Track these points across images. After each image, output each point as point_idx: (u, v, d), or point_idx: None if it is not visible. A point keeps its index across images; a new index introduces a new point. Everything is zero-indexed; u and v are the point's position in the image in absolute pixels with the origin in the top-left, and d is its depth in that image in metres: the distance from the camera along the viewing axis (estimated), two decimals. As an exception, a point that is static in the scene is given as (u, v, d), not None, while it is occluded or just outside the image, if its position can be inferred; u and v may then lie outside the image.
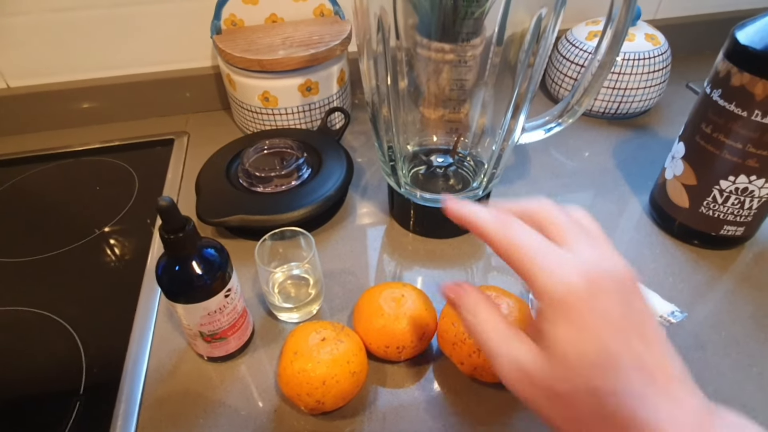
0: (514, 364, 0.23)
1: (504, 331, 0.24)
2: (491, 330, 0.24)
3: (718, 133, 0.43)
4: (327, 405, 0.34)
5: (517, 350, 0.23)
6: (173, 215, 0.31)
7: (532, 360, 0.22)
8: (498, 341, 0.24)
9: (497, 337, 0.24)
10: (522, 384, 0.23)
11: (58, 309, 0.44)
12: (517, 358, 0.23)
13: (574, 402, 0.21)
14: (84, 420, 0.37)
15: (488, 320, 0.25)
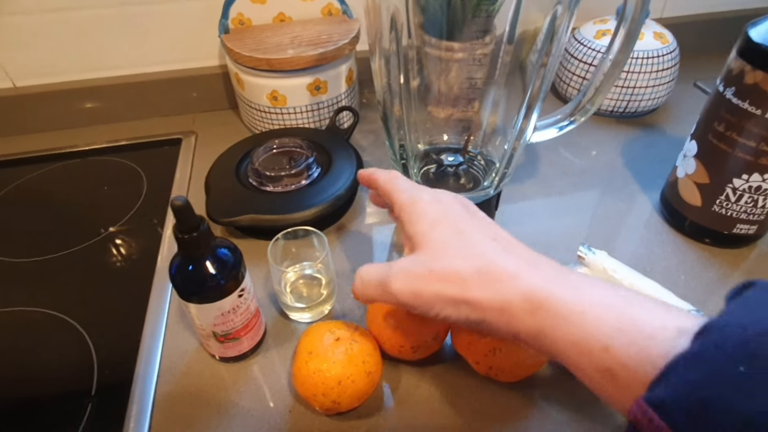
0: (400, 275, 0.28)
1: (382, 265, 0.30)
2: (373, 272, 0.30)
3: (731, 131, 0.43)
4: (343, 405, 0.34)
5: (396, 265, 0.29)
6: (188, 215, 0.31)
7: (410, 262, 0.28)
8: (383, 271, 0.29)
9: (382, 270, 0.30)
10: (410, 285, 0.28)
11: (68, 309, 0.44)
12: (402, 269, 0.28)
13: (449, 275, 0.26)
14: (96, 421, 0.36)
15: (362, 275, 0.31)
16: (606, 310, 0.22)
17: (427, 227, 0.28)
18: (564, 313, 0.23)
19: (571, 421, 0.36)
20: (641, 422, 0.19)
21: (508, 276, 0.25)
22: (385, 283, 0.28)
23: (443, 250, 0.27)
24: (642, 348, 0.20)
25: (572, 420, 0.36)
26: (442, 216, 0.28)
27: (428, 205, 0.29)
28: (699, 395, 0.17)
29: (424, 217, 0.29)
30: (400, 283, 0.28)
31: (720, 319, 0.19)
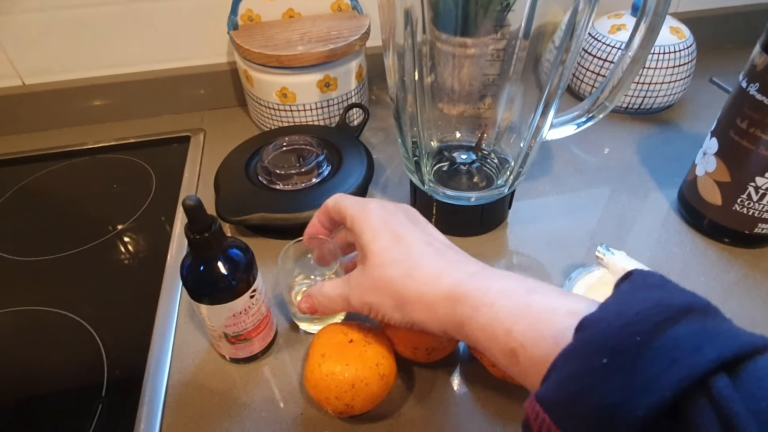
0: (355, 288, 0.31)
1: (341, 281, 0.33)
2: (338, 288, 0.33)
3: (755, 128, 0.41)
4: (356, 408, 0.33)
5: (352, 278, 0.32)
6: (200, 215, 0.30)
7: (360, 274, 0.31)
8: (344, 286, 0.32)
9: (342, 286, 0.33)
10: (362, 297, 0.31)
11: (78, 309, 0.44)
12: (356, 283, 0.32)
13: (386, 283, 0.29)
14: (107, 422, 0.36)
15: (324, 292, 0.34)
16: (510, 298, 0.25)
17: (371, 236, 0.31)
18: (476, 304, 0.26)
19: (589, 425, 0.35)
20: (532, 418, 0.20)
21: (434, 276, 0.28)
22: (347, 297, 0.32)
23: (382, 259, 0.30)
24: (537, 330, 0.23)
25: (591, 425, 0.35)
26: (384, 223, 0.31)
27: (373, 212, 0.32)
28: (572, 389, 0.19)
29: (368, 227, 0.31)
30: (355, 296, 0.31)
31: (595, 314, 0.21)
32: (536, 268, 0.47)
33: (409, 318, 0.29)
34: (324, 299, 0.33)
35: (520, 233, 0.50)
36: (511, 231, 0.51)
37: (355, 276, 0.32)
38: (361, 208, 0.32)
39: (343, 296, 0.32)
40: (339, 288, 0.33)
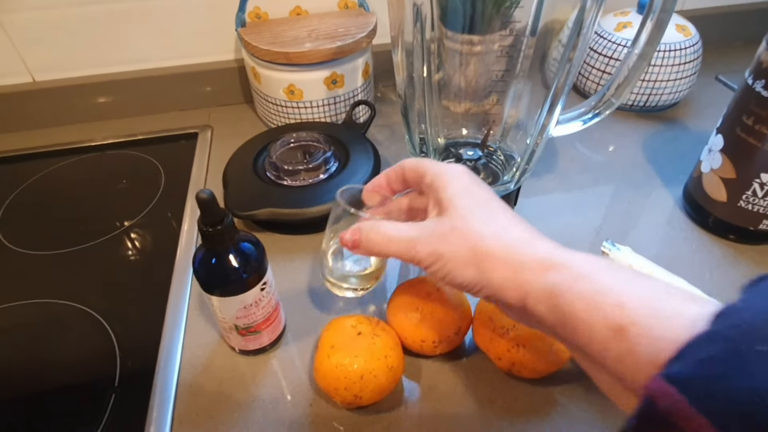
0: (426, 234, 0.28)
1: (407, 225, 0.30)
2: (403, 230, 0.30)
3: (761, 125, 0.42)
4: (364, 399, 0.34)
5: (421, 224, 0.29)
6: (213, 208, 0.31)
7: (436, 222, 0.29)
8: (411, 231, 0.29)
9: (408, 229, 0.30)
10: (432, 245, 0.28)
11: (90, 301, 0.45)
12: (427, 228, 0.29)
13: (469, 234, 0.27)
14: (120, 411, 0.37)
15: (384, 230, 0.30)
16: (618, 274, 0.23)
17: (457, 190, 0.29)
18: (579, 272, 0.24)
19: (594, 420, 0.35)
20: (659, 398, 0.19)
21: (525, 240, 0.26)
22: (413, 242, 0.29)
23: (470, 212, 0.28)
24: (655, 309, 0.21)
25: (595, 419, 0.35)
26: (470, 186, 0.29)
27: (460, 175, 0.30)
28: (717, 371, 0.18)
29: (456, 182, 0.29)
30: (425, 243, 0.28)
31: (737, 304, 0.20)
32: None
33: (483, 277, 0.26)
34: (380, 238, 0.30)
35: (525, 229, 0.51)
36: (516, 227, 0.51)
37: (427, 224, 0.29)
38: (445, 167, 0.31)
39: (408, 240, 0.29)
40: (404, 231, 0.29)
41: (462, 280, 0.27)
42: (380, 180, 0.34)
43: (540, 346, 0.34)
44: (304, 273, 0.47)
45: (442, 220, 0.28)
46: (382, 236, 0.30)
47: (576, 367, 0.38)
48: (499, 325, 0.35)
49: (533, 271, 0.25)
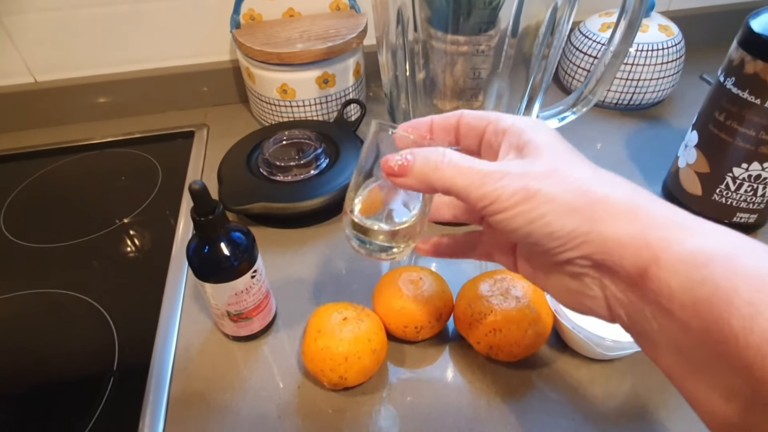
0: (511, 169, 0.22)
1: (479, 161, 0.23)
2: (463, 165, 0.23)
3: (732, 120, 0.44)
4: (349, 380, 0.36)
5: (509, 162, 0.23)
6: (204, 199, 0.33)
7: (526, 161, 0.23)
8: (483, 163, 0.23)
9: (481, 166, 0.23)
10: (524, 182, 0.22)
11: (90, 291, 0.47)
12: (514, 164, 0.23)
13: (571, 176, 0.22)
14: (118, 395, 0.39)
15: (455, 160, 0.23)
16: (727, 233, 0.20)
17: (547, 139, 0.23)
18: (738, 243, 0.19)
19: (567, 401, 0.37)
20: None
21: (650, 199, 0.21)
22: (492, 175, 0.22)
23: (568, 158, 0.23)
24: None
25: (569, 401, 0.37)
26: (558, 137, 0.24)
27: (544, 125, 0.25)
28: None
29: (541, 131, 0.24)
30: (508, 177, 0.22)
31: None
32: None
33: (591, 229, 0.20)
34: (443, 163, 0.23)
35: (509, 223, 0.52)
36: (501, 221, 0.53)
37: (511, 162, 0.23)
38: (519, 117, 0.25)
39: (486, 173, 0.22)
40: (478, 162, 0.23)
41: (555, 230, 0.21)
42: (423, 122, 0.28)
43: (515, 330, 0.36)
44: (296, 264, 0.48)
45: (533, 159, 0.22)
46: (447, 162, 0.23)
47: (551, 352, 0.40)
48: (477, 311, 0.37)
49: (672, 229, 0.19)
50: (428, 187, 0.24)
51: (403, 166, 0.24)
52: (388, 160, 0.24)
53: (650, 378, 0.38)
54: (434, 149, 0.24)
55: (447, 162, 0.23)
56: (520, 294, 0.37)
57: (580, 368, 0.39)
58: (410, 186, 0.24)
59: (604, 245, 0.20)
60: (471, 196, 0.22)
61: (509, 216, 0.22)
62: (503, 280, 0.39)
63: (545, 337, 0.38)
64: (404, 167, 0.24)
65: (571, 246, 0.21)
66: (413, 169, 0.24)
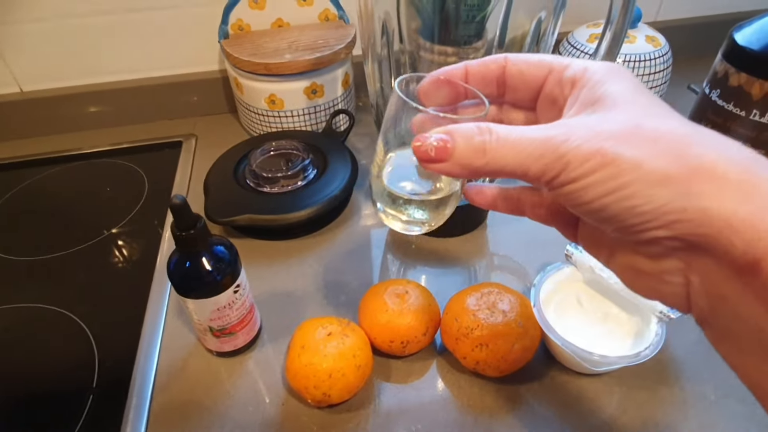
0: (581, 130, 0.18)
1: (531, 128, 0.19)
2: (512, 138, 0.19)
3: (717, 131, 0.44)
4: (333, 397, 0.35)
5: (572, 122, 0.19)
6: (185, 213, 0.32)
7: (598, 118, 0.18)
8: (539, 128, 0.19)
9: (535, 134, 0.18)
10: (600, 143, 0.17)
11: (70, 306, 0.46)
12: (583, 123, 0.18)
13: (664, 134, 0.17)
14: (97, 412, 0.38)
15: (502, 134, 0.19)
16: None
17: (628, 87, 0.19)
18: None
19: (555, 416, 0.37)
20: None
21: None
22: (554, 140, 0.18)
23: (658, 112, 0.18)
24: None
25: (556, 416, 0.37)
26: (640, 85, 0.20)
27: (622, 69, 0.20)
28: None
29: (621, 79, 0.19)
30: (578, 139, 0.17)
31: None
32: (514, 267, 0.49)
33: (688, 204, 0.16)
34: (493, 141, 0.19)
35: (498, 233, 0.52)
36: (490, 231, 0.53)
37: (578, 120, 0.19)
38: (593, 62, 0.21)
39: (546, 139, 0.18)
40: (536, 129, 0.19)
41: (640, 204, 0.17)
42: (457, 70, 0.23)
43: (502, 345, 0.36)
44: (281, 277, 0.48)
45: (607, 114, 0.18)
46: (495, 141, 0.19)
47: (539, 366, 0.40)
48: (464, 326, 0.37)
49: None
50: (474, 172, 0.19)
51: (441, 149, 0.19)
52: (422, 143, 0.20)
53: (638, 393, 0.38)
54: (475, 125, 0.19)
55: (495, 140, 0.19)
56: (506, 308, 0.37)
57: (567, 383, 0.39)
58: (450, 173, 0.20)
59: (708, 225, 0.16)
60: (530, 172, 0.18)
61: (579, 187, 0.17)
62: (490, 293, 0.38)
63: (532, 351, 0.37)
64: (442, 151, 0.19)
65: (660, 224, 0.17)
66: (454, 153, 0.19)
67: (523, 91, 0.23)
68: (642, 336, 0.37)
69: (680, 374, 0.39)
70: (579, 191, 0.18)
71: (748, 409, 0.36)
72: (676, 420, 0.36)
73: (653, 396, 0.38)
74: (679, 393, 0.38)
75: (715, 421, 0.36)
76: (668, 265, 0.18)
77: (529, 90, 0.22)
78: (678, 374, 0.39)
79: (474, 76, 0.23)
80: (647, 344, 0.36)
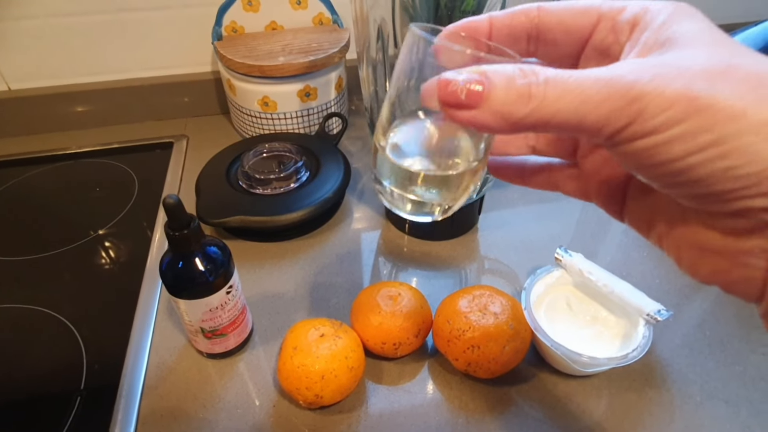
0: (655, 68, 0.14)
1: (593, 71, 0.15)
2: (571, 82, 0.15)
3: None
4: (325, 399, 0.35)
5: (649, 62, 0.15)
6: (179, 213, 0.32)
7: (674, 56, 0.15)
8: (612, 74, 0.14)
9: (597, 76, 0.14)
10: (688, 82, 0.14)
11: (58, 306, 0.45)
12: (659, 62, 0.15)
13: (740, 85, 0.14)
14: (85, 415, 0.37)
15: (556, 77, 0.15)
16: None
17: (698, 25, 0.16)
18: None
19: (545, 417, 0.37)
20: None
21: None
22: (623, 78, 0.14)
23: (735, 48, 0.15)
24: None
25: (547, 417, 0.37)
26: (709, 23, 0.16)
27: (688, 6, 0.16)
28: None
29: (690, 17, 0.16)
30: (658, 76, 0.14)
31: None
32: (505, 270, 0.49)
33: None
34: (542, 84, 0.15)
35: (489, 237, 0.53)
36: (481, 235, 0.53)
37: (656, 58, 0.15)
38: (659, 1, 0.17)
39: (610, 78, 0.14)
40: (597, 71, 0.15)
41: (741, 163, 0.13)
42: (480, 23, 0.19)
43: (493, 347, 0.36)
44: (274, 279, 0.48)
45: (683, 54, 0.15)
46: (545, 83, 0.15)
47: (529, 368, 0.40)
48: (456, 328, 0.37)
49: None
50: (513, 125, 0.15)
51: (474, 92, 0.15)
52: (449, 83, 0.15)
53: (626, 394, 0.38)
54: (516, 65, 0.15)
55: (544, 81, 0.15)
56: (498, 310, 0.38)
57: (557, 384, 0.39)
58: (483, 123, 0.15)
59: None
60: (586, 121, 0.14)
61: (658, 141, 0.14)
62: (482, 296, 0.39)
63: (523, 353, 0.38)
64: (476, 95, 0.15)
65: (762, 191, 0.13)
66: (491, 98, 0.15)
67: (564, 45, 0.18)
68: (630, 338, 0.38)
69: (667, 376, 0.40)
70: (657, 147, 0.14)
71: (733, 410, 0.37)
72: (663, 421, 0.37)
73: (641, 397, 0.38)
74: (666, 394, 0.38)
75: (701, 422, 0.37)
76: (752, 243, 0.15)
77: (572, 43, 0.18)
78: (665, 376, 0.40)
79: (500, 31, 0.19)
80: (635, 346, 0.36)
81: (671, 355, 0.41)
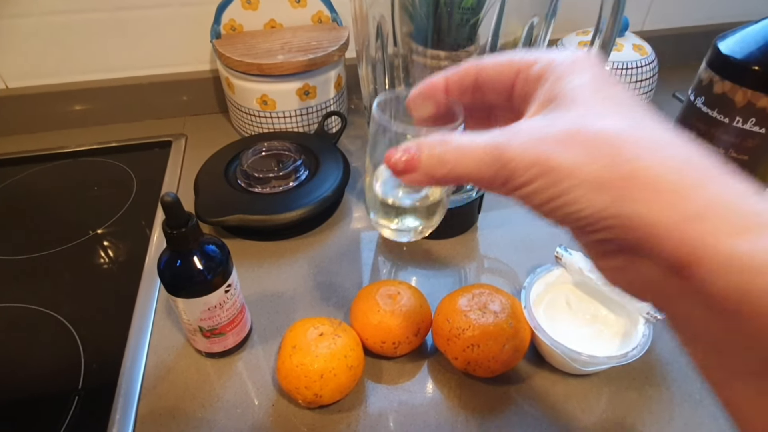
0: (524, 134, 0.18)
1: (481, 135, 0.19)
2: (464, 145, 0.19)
3: (702, 138, 0.45)
4: (324, 398, 0.35)
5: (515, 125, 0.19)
6: (177, 211, 0.32)
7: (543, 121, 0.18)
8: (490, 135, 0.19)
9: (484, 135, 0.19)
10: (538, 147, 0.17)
11: (56, 306, 0.45)
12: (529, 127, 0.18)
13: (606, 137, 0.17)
14: (83, 414, 0.37)
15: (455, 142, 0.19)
16: None
17: (589, 81, 0.19)
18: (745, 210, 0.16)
19: (545, 416, 0.37)
20: None
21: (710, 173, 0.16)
22: (501, 148, 0.18)
23: (608, 111, 0.18)
24: None
25: (546, 416, 0.37)
26: (608, 79, 0.19)
27: (591, 63, 0.20)
28: None
29: (585, 72, 0.19)
30: (519, 147, 0.18)
31: None
32: (504, 269, 0.49)
33: (621, 211, 0.16)
34: (449, 152, 0.19)
35: (489, 236, 0.53)
36: (481, 234, 0.53)
37: (528, 122, 0.19)
38: (566, 52, 0.20)
39: (494, 147, 0.18)
40: (484, 136, 0.19)
41: (578, 210, 0.17)
42: (437, 82, 0.23)
43: (493, 346, 0.36)
44: (273, 277, 0.48)
45: (557, 115, 0.18)
46: (450, 149, 0.19)
47: (529, 367, 0.40)
48: (455, 326, 0.37)
49: (726, 222, 0.15)
50: (439, 181, 0.20)
51: (409, 161, 0.20)
52: (392, 156, 0.21)
53: (626, 393, 0.38)
54: (439, 136, 0.20)
55: (451, 149, 0.19)
56: (497, 309, 0.37)
57: (557, 383, 0.39)
58: (420, 182, 0.21)
59: (636, 231, 0.16)
60: (484, 178, 0.19)
61: (525, 194, 0.18)
62: (481, 294, 0.39)
63: (523, 352, 0.38)
64: (410, 163, 0.20)
65: (600, 227, 0.17)
66: (420, 163, 0.20)
67: (499, 93, 0.22)
68: (630, 337, 0.38)
69: (666, 374, 0.39)
70: (528, 197, 0.18)
71: (732, 409, 0.37)
72: (662, 419, 0.37)
73: (640, 396, 0.38)
74: (666, 393, 0.38)
75: (700, 420, 0.37)
76: (618, 262, 0.18)
77: (503, 91, 0.21)
78: (664, 374, 0.39)
79: (453, 85, 0.23)
80: (635, 345, 0.36)
81: (671, 354, 0.41)
